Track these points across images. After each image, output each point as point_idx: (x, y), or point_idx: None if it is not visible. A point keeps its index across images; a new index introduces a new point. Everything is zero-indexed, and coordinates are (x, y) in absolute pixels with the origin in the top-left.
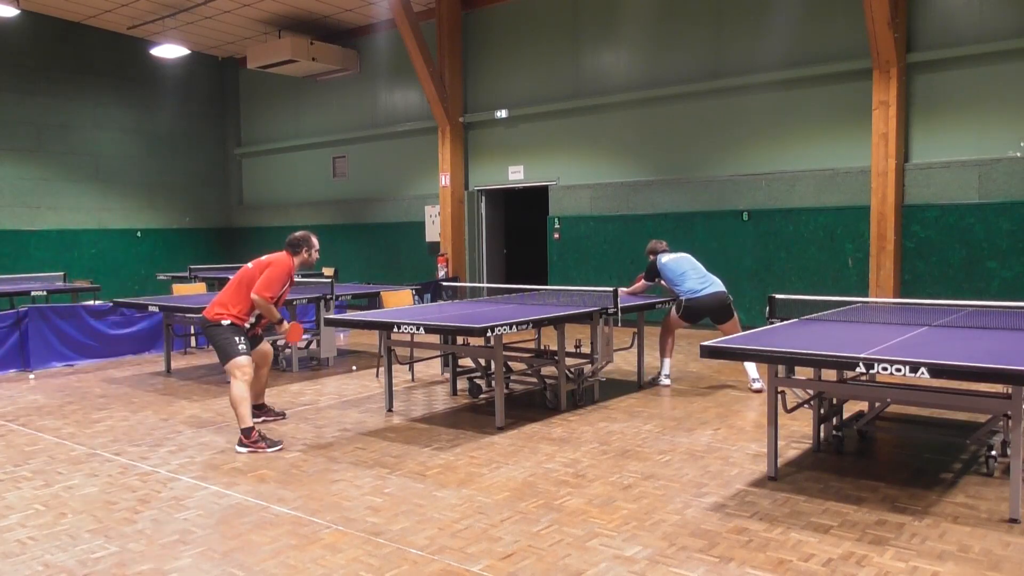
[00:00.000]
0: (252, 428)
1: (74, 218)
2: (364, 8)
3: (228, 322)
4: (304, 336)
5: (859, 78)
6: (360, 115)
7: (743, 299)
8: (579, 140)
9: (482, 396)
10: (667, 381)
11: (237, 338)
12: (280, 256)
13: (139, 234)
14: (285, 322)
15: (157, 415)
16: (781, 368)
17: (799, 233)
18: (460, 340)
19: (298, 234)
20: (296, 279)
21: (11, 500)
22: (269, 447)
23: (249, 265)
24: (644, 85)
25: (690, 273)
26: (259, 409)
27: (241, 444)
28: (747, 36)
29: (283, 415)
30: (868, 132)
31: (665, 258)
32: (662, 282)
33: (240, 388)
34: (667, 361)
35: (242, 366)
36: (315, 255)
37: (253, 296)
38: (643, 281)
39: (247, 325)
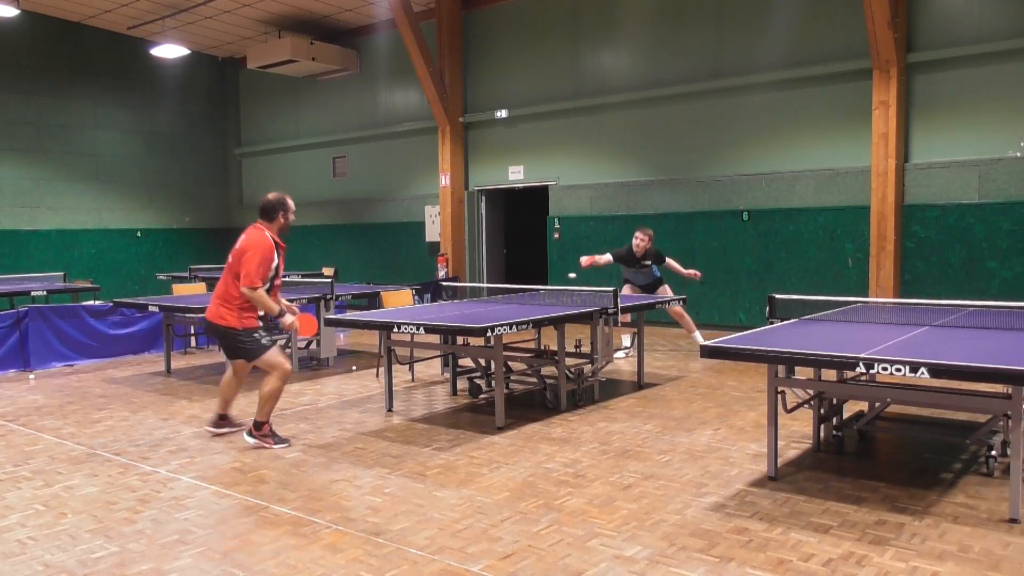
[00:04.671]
0: (266, 423)
1: (74, 218)
2: (364, 8)
3: (241, 329)
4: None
5: (859, 78)
6: (360, 115)
7: (743, 299)
8: (579, 140)
9: (482, 396)
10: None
11: (256, 335)
12: (252, 233)
13: (139, 234)
14: (287, 315)
15: (157, 415)
16: (781, 368)
17: (799, 233)
18: (460, 340)
19: (270, 196)
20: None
21: (11, 500)
22: (276, 443)
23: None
24: (644, 85)
25: None
26: (222, 419)
27: (250, 434)
28: (747, 36)
29: (241, 427)
30: (868, 132)
31: None
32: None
33: (275, 386)
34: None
35: (273, 362)
36: (291, 217)
37: (243, 291)
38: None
39: (259, 321)
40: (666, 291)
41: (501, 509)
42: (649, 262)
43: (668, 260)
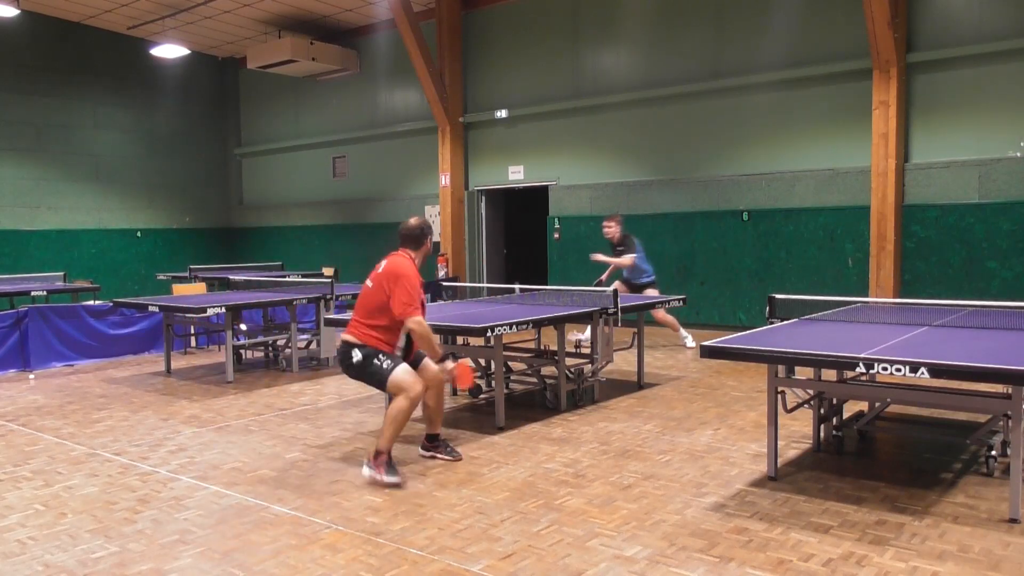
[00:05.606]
0: (383, 453)
1: (74, 218)
2: (364, 8)
3: (369, 348)
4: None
5: (859, 78)
6: (360, 115)
7: (743, 299)
8: (579, 140)
9: (482, 396)
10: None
11: (378, 358)
12: (400, 261)
13: (139, 234)
14: (449, 361)
15: (157, 415)
16: (781, 368)
17: (799, 233)
18: (460, 340)
19: (413, 222)
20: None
21: (11, 500)
22: (387, 475)
23: (368, 283)
24: (644, 85)
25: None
26: (430, 441)
27: (368, 464)
28: (747, 36)
29: (457, 456)
30: (868, 132)
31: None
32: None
33: (400, 405)
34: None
35: (401, 383)
36: (429, 243)
37: (409, 324)
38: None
39: (397, 351)
40: (652, 294)
41: (501, 509)
42: (623, 248)
43: (628, 257)
